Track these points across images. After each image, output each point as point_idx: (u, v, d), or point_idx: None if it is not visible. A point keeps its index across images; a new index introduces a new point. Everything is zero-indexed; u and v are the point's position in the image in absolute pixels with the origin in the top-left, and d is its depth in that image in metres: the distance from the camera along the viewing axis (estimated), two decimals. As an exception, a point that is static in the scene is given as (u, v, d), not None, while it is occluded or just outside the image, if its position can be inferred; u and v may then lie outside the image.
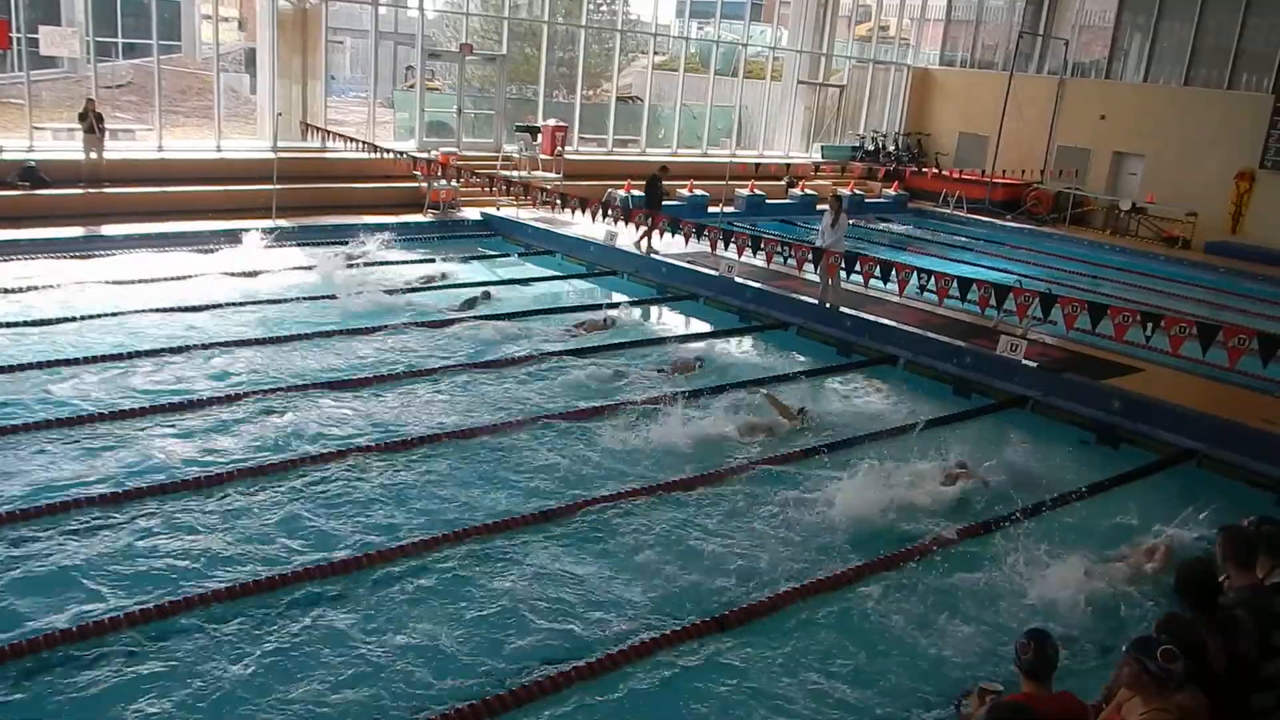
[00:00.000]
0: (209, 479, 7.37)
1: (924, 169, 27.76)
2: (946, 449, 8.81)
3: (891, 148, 29.23)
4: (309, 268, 14.00)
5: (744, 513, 7.65)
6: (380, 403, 9.26)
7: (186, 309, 11.57)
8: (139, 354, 9.86)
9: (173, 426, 8.31)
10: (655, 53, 28.27)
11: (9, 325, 10.49)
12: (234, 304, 11.98)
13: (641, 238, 16.09)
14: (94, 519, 6.69)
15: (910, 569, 6.96)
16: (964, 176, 26.92)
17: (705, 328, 13.49)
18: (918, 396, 11.17)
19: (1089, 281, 18.66)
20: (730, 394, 10.14)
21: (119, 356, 9.77)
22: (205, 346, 10.23)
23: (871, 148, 29.10)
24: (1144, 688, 3.98)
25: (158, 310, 11.43)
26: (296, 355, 10.41)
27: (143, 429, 8.22)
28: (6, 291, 11.69)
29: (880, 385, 11.54)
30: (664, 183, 17.30)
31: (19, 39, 17.66)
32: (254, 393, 9.04)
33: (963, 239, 23.18)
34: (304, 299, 12.51)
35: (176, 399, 8.83)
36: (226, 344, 10.42)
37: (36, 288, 11.91)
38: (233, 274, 13.43)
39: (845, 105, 30.04)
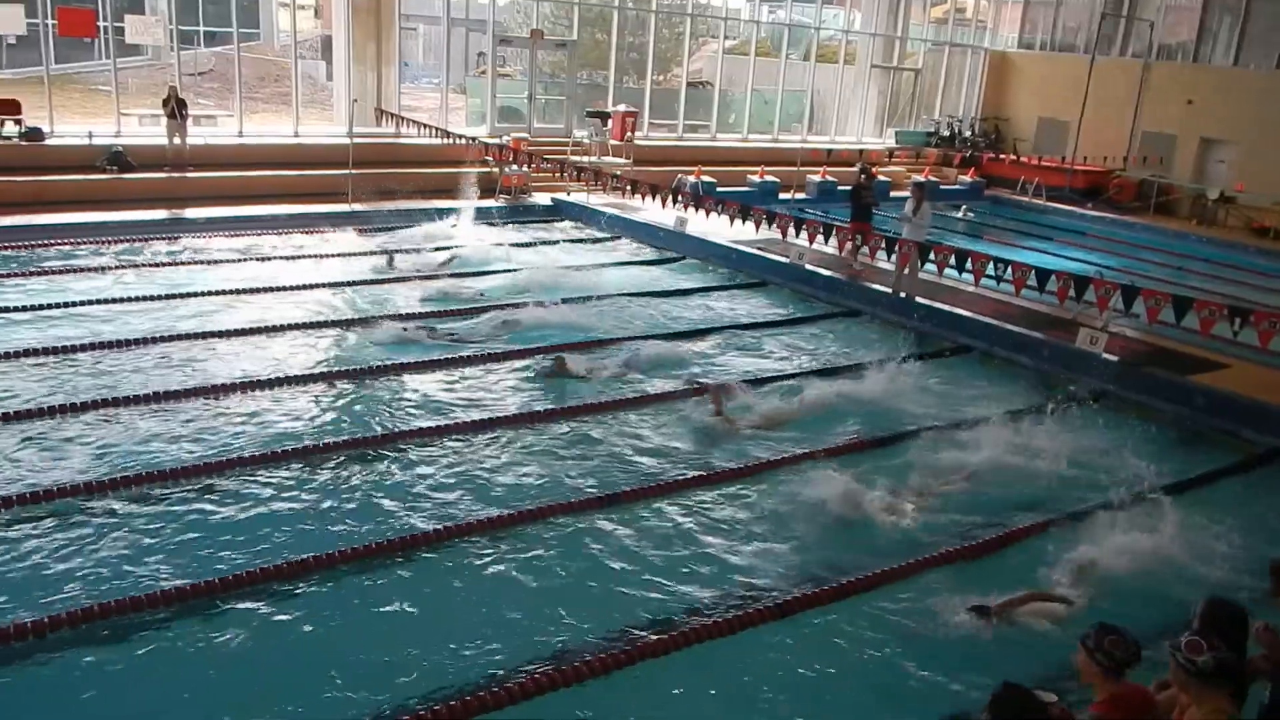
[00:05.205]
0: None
1: (1001, 155, 27.15)
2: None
3: (968, 133, 28.64)
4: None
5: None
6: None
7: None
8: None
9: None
10: (726, 37, 28.05)
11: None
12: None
13: (851, 254, 14.81)
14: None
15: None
16: (1043, 163, 26.22)
17: (779, 313, 13.36)
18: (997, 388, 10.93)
19: (1173, 273, 18.05)
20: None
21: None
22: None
23: (947, 133, 28.53)
24: (1185, 684, 3.84)
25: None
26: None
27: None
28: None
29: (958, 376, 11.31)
30: (867, 189, 15.38)
31: (106, 28, 18.20)
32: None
33: (1042, 228, 22.59)
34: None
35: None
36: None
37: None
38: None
39: (920, 89, 29.50)
